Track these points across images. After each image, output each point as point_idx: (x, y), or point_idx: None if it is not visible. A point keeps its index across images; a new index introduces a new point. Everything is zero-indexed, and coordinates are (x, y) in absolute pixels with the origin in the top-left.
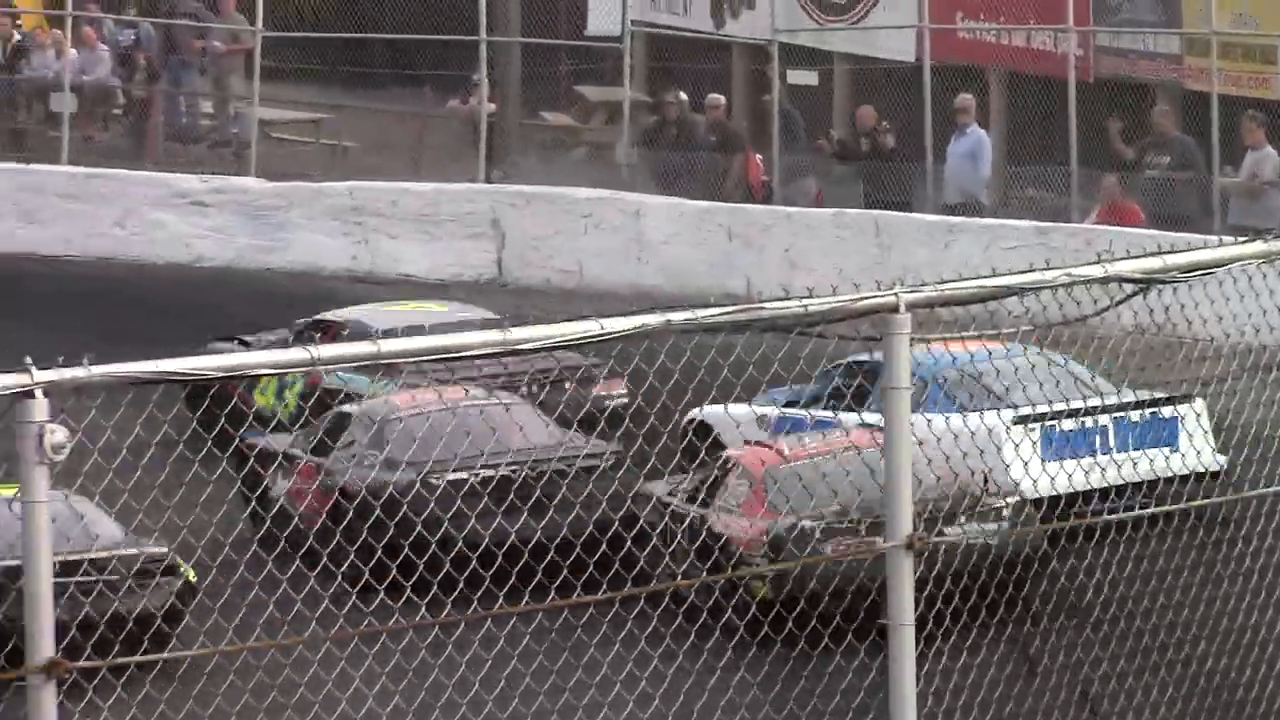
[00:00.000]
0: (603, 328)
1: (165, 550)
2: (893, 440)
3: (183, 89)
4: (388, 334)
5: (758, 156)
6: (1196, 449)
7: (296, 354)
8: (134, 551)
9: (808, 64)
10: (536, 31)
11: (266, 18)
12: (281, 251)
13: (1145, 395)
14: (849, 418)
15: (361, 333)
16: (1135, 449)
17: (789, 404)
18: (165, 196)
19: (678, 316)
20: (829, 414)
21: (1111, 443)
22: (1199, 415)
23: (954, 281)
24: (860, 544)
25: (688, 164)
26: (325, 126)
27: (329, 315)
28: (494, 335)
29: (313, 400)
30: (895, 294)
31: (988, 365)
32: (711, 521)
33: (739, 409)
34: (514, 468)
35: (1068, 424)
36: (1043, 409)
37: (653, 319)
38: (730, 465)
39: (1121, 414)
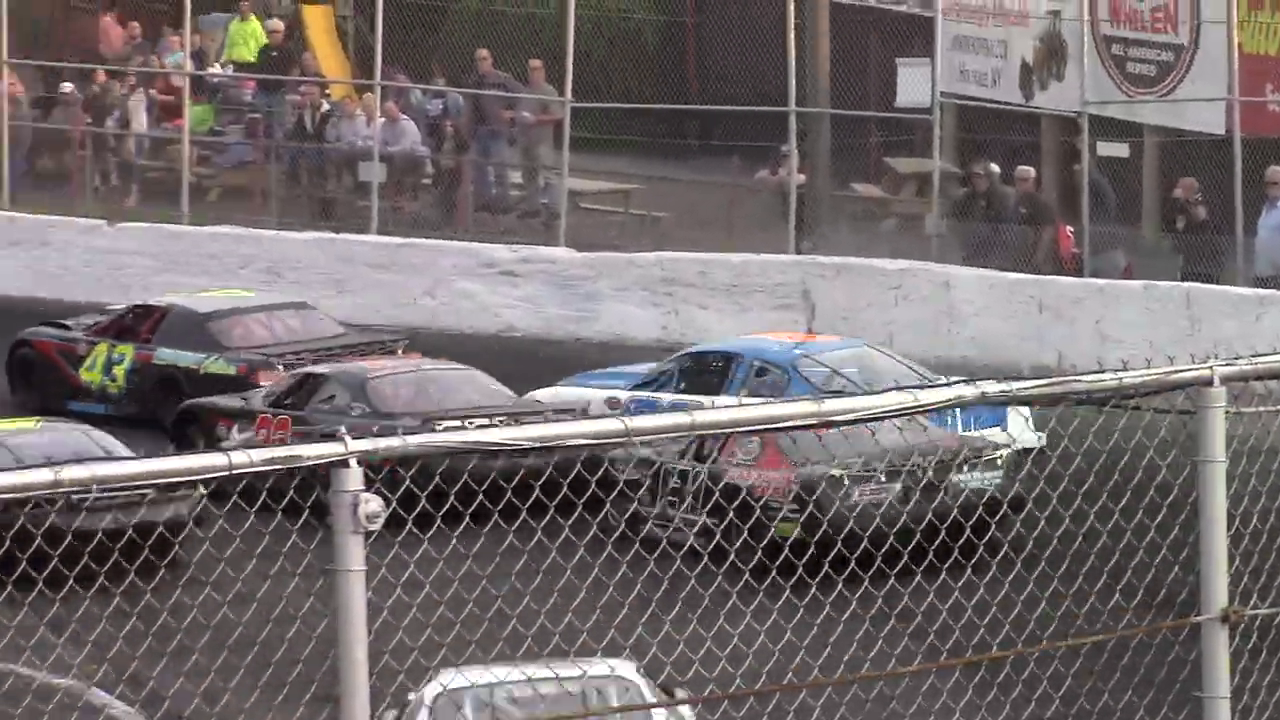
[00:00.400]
0: (917, 399)
1: None
2: (1207, 515)
3: (492, 159)
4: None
5: (1068, 228)
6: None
7: (612, 424)
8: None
9: (1117, 136)
10: (846, 103)
11: (575, 88)
12: (590, 322)
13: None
14: (714, 400)
15: (184, 315)
16: (976, 429)
17: (636, 386)
18: (474, 266)
19: (992, 388)
20: (685, 397)
21: (959, 424)
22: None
23: (1268, 355)
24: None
25: (997, 235)
26: (634, 197)
27: (150, 301)
28: (809, 407)
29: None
30: (1210, 367)
31: (835, 356)
32: (728, 475)
33: (581, 390)
34: (486, 419)
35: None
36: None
37: (967, 390)
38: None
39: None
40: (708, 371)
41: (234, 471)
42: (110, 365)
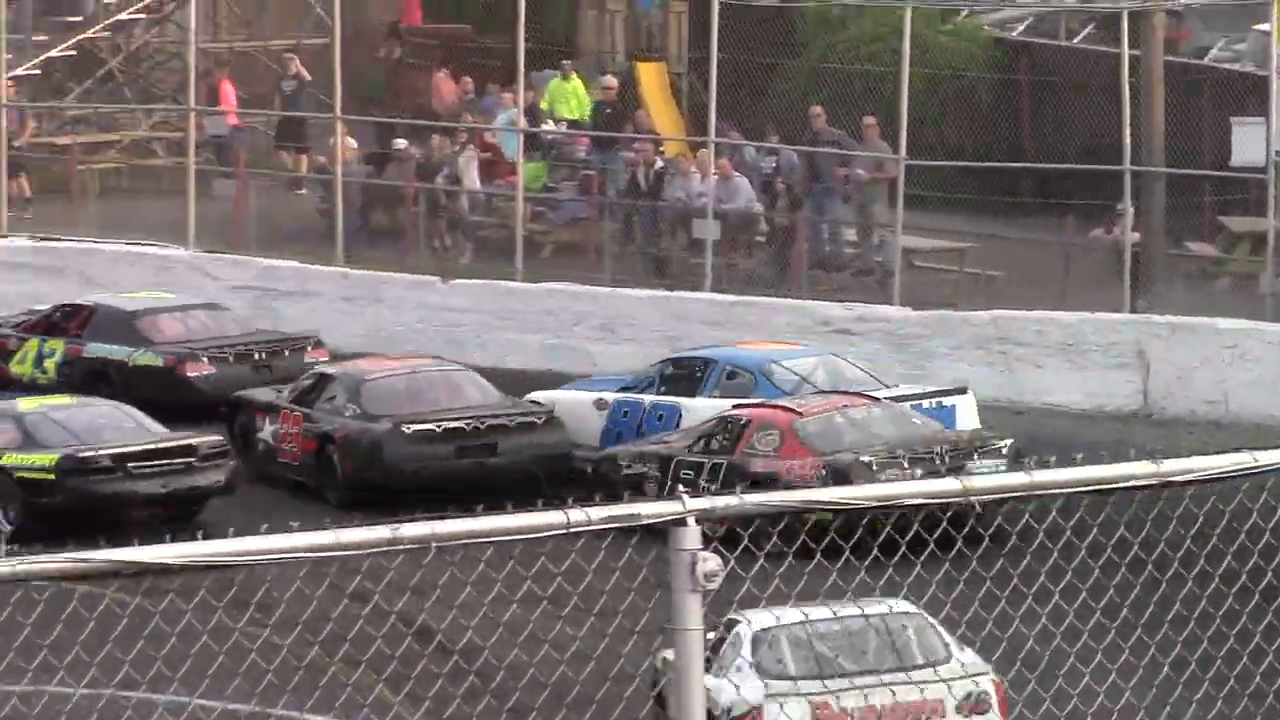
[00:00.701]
0: (1256, 460)
1: (222, 438)
2: None
3: (825, 216)
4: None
5: None
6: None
7: (949, 484)
8: (207, 439)
9: None
10: (1180, 161)
11: (909, 145)
12: (925, 380)
13: (931, 388)
14: (688, 401)
15: (111, 313)
16: None
17: (623, 389)
18: (808, 324)
19: None
20: (664, 399)
21: None
22: (969, 403)
23: None
24: None
25: None
26: (969, 254)
27: (76, 301)
28: (1147, 467)
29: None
30: None
31: (803, 364)
32: (750, 465)
33: (572, 394)
34: (468, 420)
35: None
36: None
37: None
38: (746, 422)
39: (916, 401)
40: (684, 375)
41: (571, 529)
42: (41, 359)
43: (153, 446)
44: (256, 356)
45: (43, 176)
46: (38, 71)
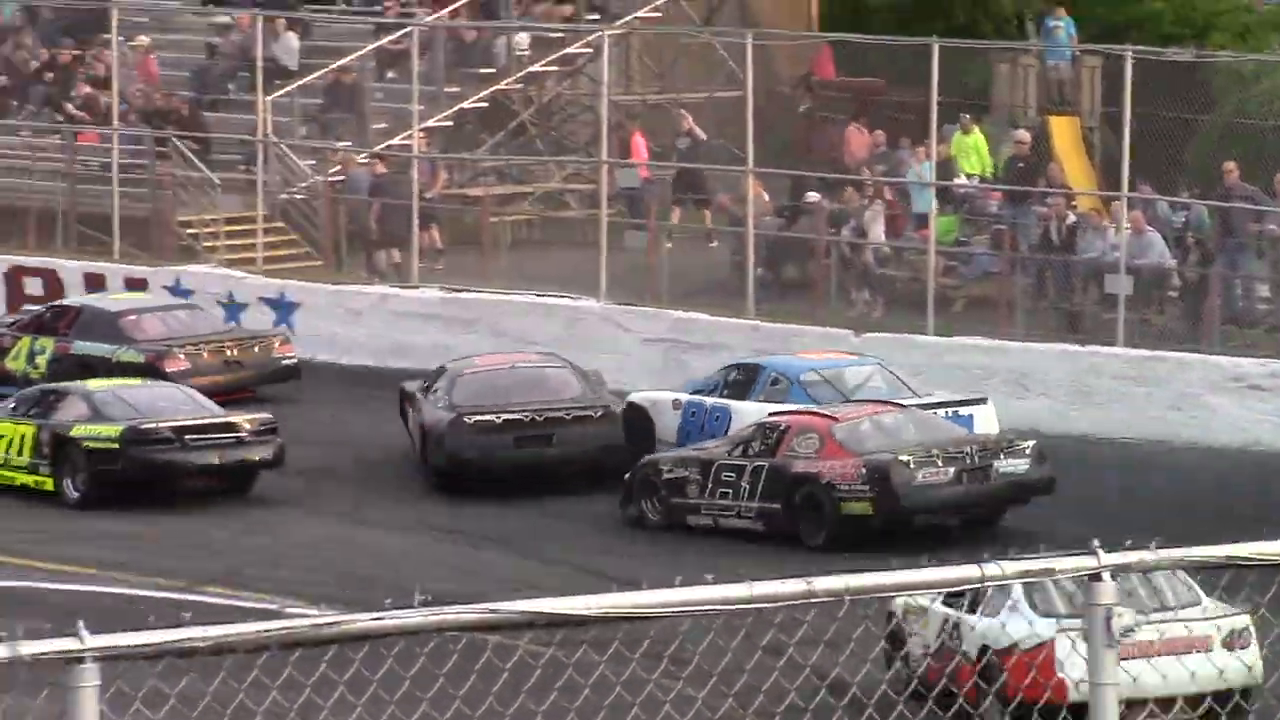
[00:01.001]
0: None
1: (270, 417)
2: None
3: (1239, 272)
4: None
5: None
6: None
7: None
8: (257, 417)
9: None
10: None
11: None
12: None
13: (952, 397)
14: (737, 404)
15: (97, 313)
16: None
17: (695, 392)
18: (1221, 380)
19: None
20: (724, 401)
21: None
22: (988, 413)
23: None
24: None
25: None
26: None
27: (64, 301)
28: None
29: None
30: None
31: (836, 372)
32: (792, 466)
33: (662, 394)
34: (527, 413)
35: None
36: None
37: None
38: (786, 428)
39: (937, 409)
40: (741, 380)
41: (985, 583)
42: (33, 355)
43: (208, 421)
44: (228, 352)
45: (454, 228)
46: (450, 123)
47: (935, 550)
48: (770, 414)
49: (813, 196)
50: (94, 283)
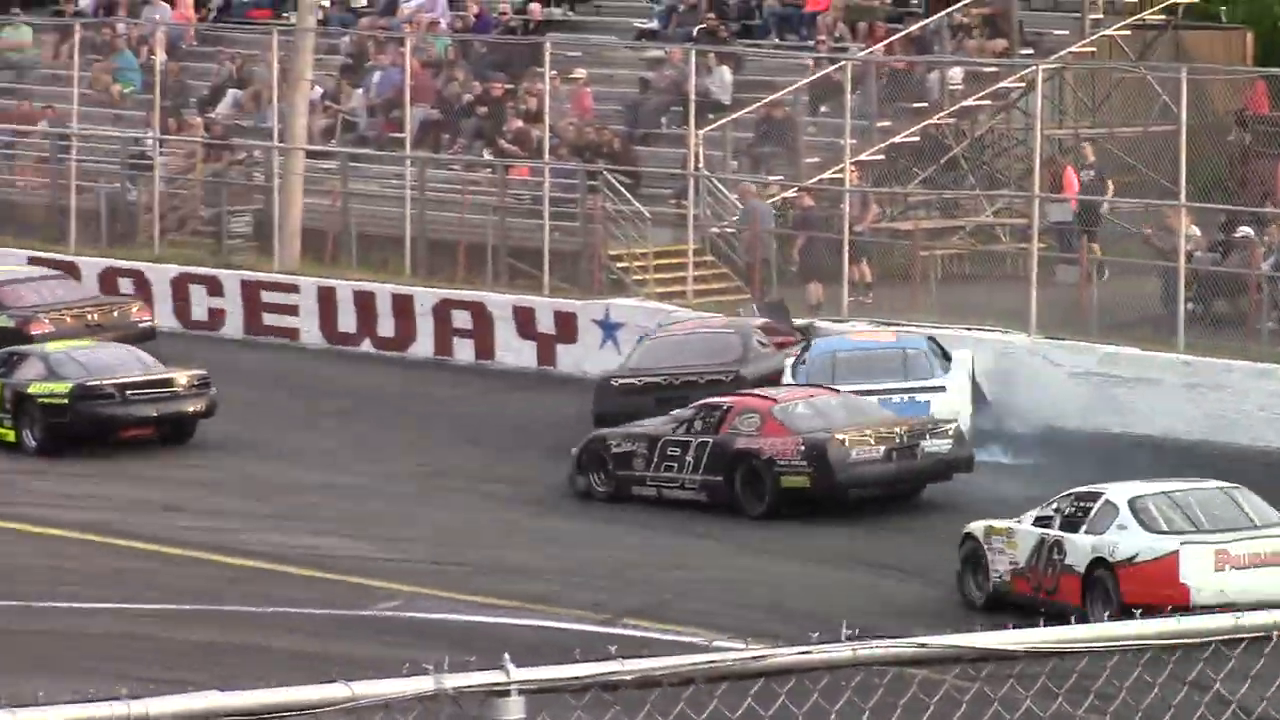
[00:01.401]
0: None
1: (204, 373)
2: None
3: None
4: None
5: None
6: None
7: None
8: (192, 373)
9: None
10: None
11: None
12: None
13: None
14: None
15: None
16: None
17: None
18: None
19: None
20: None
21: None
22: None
23: None
24: None
25: None
26: None
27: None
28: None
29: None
30: None
31: (855, 354)
32: (735, 442)
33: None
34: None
35: (895, 398)
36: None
37: None
38: (728, 408)
39: (886, 395)
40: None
41: None
42: None
43: (145, 378)
44: (89, 317)
45: (884, 262)
46: (881, 157)
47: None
48: (712, 396)
49: (1245, 231)
50: (522, 316)
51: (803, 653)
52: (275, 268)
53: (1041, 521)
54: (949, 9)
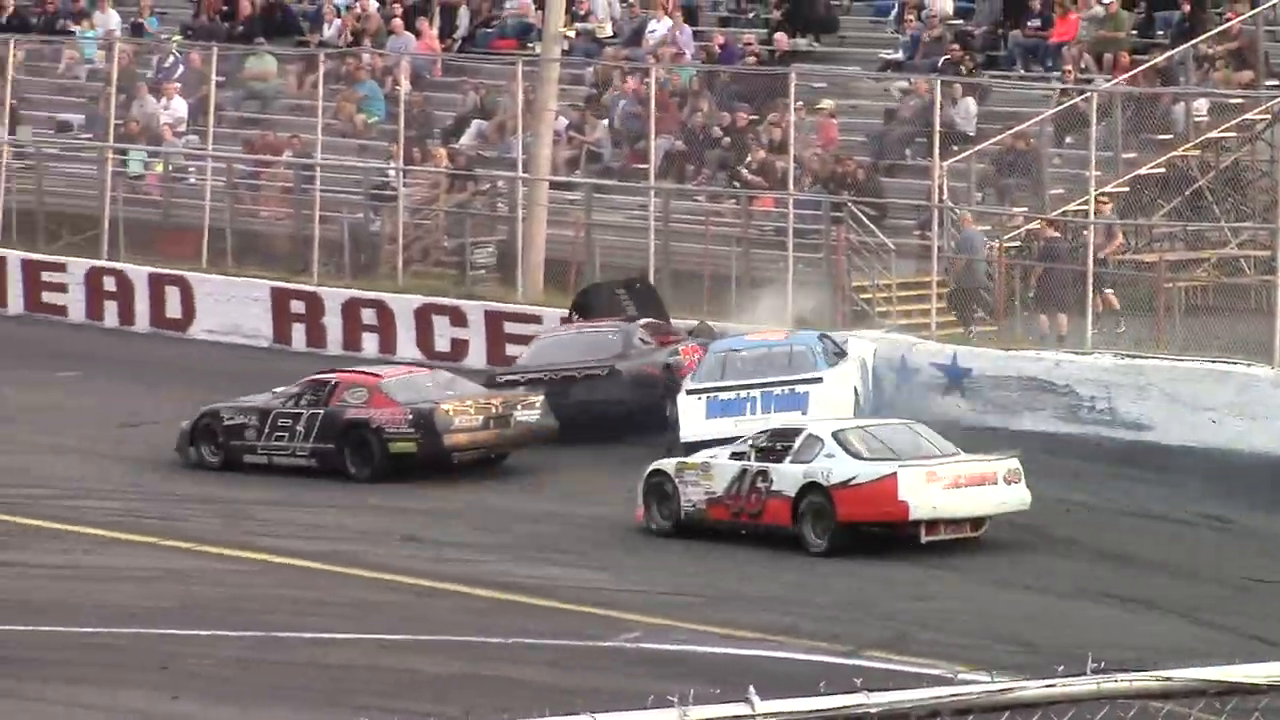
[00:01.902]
0: None
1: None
2: None
3: None
4: None
5: None
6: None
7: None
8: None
9: None
10: None
11: None
12: None
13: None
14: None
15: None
16: (774, 411)
17: None
18: None
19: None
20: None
21: (759, 407)
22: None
23: None
24: None
25: None
26: None
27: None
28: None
29: None
30: None
31: (746, 352)
32: (345, 413)
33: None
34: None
35: (725, 395)
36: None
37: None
38: (335, 383)
39: (768, 389)
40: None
41: None
42: None
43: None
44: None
45: (1127, 294)
46: (1126, 188)
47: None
48: (320, 371)
49: None
50: None
51: (1047, 686)
52: (519, 298)
53: (737, 456)
54: (1194, 40)
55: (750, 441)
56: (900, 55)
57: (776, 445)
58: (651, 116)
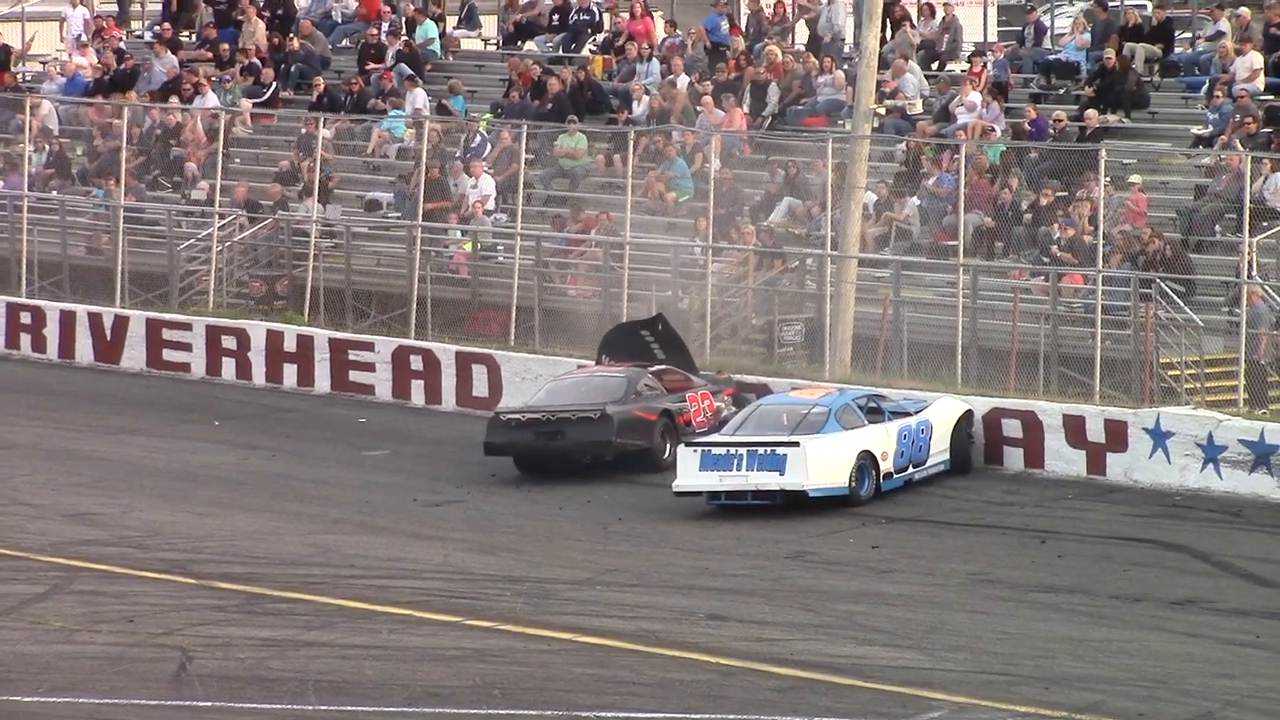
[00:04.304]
0: None
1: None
2: None
3: None
4: None
5: None
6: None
7: None
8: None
9: None
10: None
11: None
12: None
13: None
14: None
15: None
16: (757, 470)
17: None
18: None
19: None
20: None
21: (744, 465)
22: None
23: None
24: None
25: None
26: None
27: None
28: None
29: None
30: None
31: (771, 407)
32: None
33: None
34: None
35: (717, 450)
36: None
37: None
38: None
39: (754, 448)
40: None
41: None
42: None
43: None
44: None
45: None
46: None
47: None
48: None
49: None
50: (1072, 424)
51: None
52: (826, 376)
53: None
54: None
55: None
56: (1210, 130)
57: None
58: (961, 193)
